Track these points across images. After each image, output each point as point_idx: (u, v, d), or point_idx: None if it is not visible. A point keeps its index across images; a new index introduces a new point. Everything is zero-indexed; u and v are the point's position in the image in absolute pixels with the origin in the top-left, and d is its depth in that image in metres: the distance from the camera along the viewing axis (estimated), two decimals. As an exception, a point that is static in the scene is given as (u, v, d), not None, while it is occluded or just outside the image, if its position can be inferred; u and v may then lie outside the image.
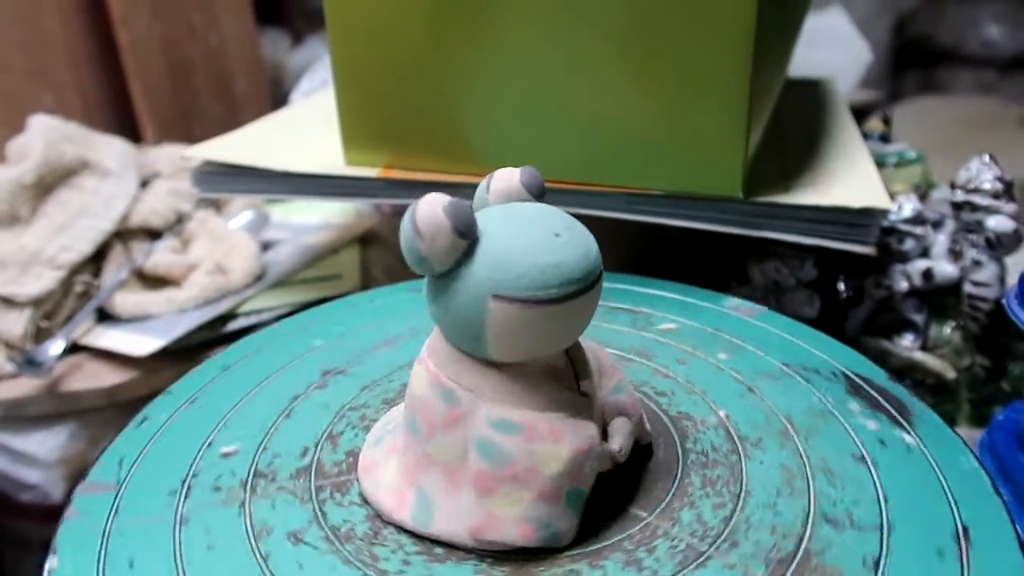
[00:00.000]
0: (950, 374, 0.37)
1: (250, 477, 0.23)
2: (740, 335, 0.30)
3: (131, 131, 0.72)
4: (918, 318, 0.38)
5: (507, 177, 0.21)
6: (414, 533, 0.21)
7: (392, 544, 0.20)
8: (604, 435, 0.22)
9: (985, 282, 0.36)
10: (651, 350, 0.29)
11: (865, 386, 0.27)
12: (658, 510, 0.21)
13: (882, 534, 0.20)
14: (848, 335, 0.39)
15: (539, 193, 0.21)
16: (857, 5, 1.24)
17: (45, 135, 0.47)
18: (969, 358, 0.38)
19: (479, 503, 0.20)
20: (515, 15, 0.33)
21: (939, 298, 0.39)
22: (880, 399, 0.26)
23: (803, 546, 0.20)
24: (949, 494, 0.21)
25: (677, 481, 0.22)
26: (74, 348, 0.43)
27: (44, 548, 0.51)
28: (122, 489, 0.23)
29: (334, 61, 0.37)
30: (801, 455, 0.23)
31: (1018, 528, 0.21)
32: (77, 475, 0.42)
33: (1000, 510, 0.21)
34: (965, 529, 0.20)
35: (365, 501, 0.22)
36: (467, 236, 0.18)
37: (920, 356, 0.38)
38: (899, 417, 0.25)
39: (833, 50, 0.71)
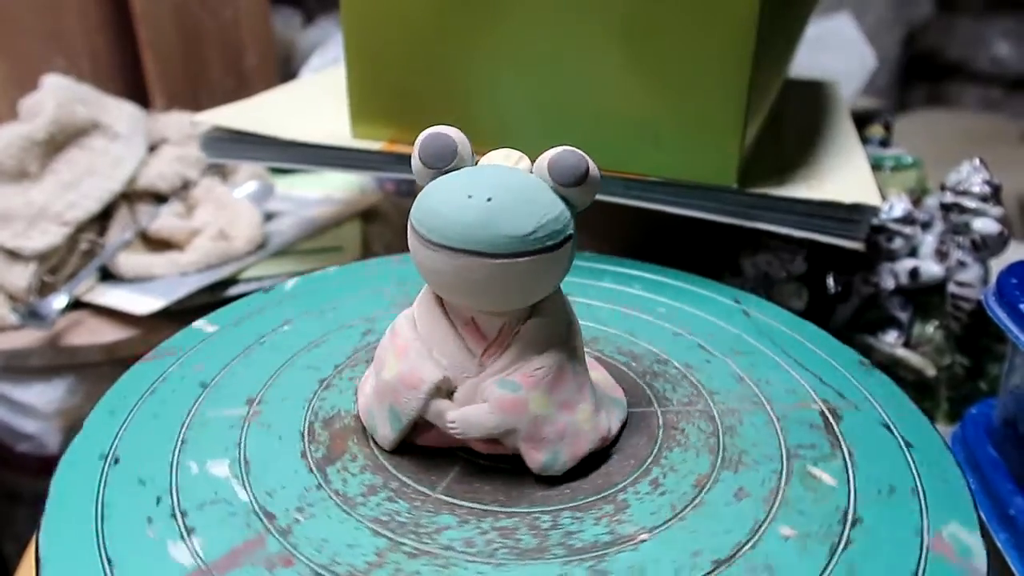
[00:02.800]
0: (931, 372, 0.38)
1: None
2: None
3: (140, 99, 0.72)
4: (903, 316, 0.39)
5: (545, 154, 0.22)
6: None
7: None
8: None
9: (968, 283, 0.37)
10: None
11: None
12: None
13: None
14: (834, 329, 0.40)
15: (561, 179, 0.21)
16: (868, 15, 1.25)
17: (58, 95, 0.47)
18: (950, 357, 0.39)
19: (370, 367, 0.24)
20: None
21: (924, 297, 0.39)
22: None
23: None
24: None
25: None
26: (76, 304, 0.44)
27: (35, 501, 0.52)
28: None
29: (346, 37, 0.38)
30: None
31: (982, 514, 0.22)
32: (73, 428, 0.43)
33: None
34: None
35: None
36: (429, 166, 0.21)
37: (903, 353, 0.39)
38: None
39: (838, 55, 0.72)
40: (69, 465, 0.22)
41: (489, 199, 0.20)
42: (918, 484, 0.22)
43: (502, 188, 0.20)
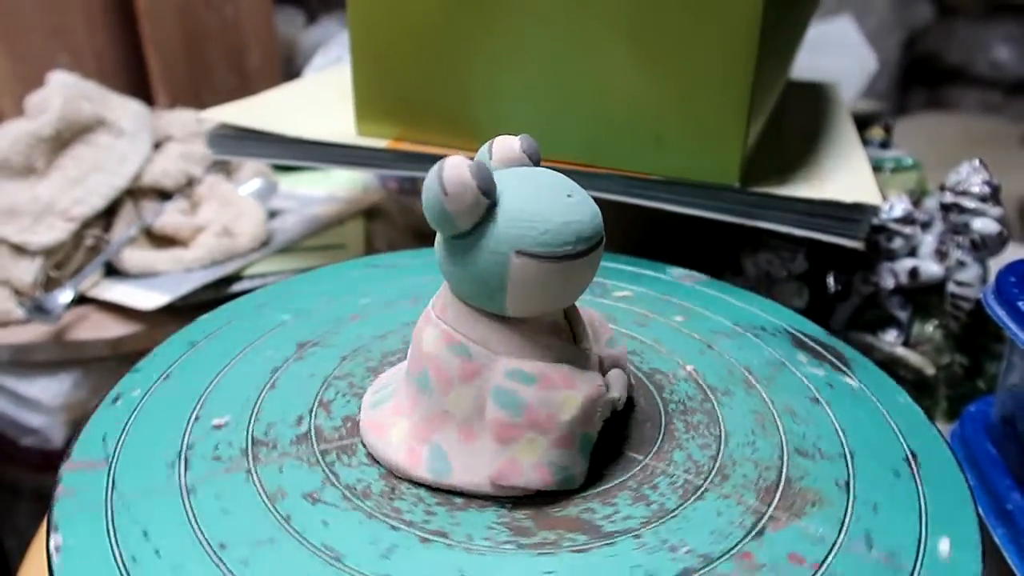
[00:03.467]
0: (930, 370, 0.39)
1: (249, 446, 0.23)
2: (690, 300, 0.32)
3: (143, 97, 0.73)
4: (902, 315, 0.40)
5: (509, 144, 0.22)
6: (430, 487, 0.21)
7: (411, 498, 0.21)
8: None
9: (968, 282, 0.38)
10: (613, 314, 0.31)
11: (808, 340, 0.29)
12: (652, 452, 0.23)
13: (846, 461, 0.23)
14: (834, 328, 0.41)
15: (537, 160, 0.22)
16: (868, 19, 1.25)
17: (64, 91, 0.48)
18: (949, 356, 0.39)
19: (499, 451, 0.21)
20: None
21: (923, 297, 0.40)
22: (822, 351, 0.29)
23: (784, 475, 0.22)
24: (894, 425, 0.25)
25: (663, 427, 0.24)
26: (82, 300, 0.44)
27: (36, 496, 0.52)
28: (114, 464, 0.22)
29: (352, 35, 0.38)
30: (765, 400, 0.25)
31: (980, 510, 0.23)
32: (78, 422, 0.43)
33: (938, 438, 0.24)
34: (914, 454, 0.23)
35: (375, 461, 0.22)
36: (489, 196, 0.20)
37: (902, 352, 0.39)
38: (840, 365, 0.28)
39: (839, 57, 0.72)
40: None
41: (569, 195, 0.21)
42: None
43: (560, 181, 0.21)
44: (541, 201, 0.20)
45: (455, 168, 0.19)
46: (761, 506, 0.21)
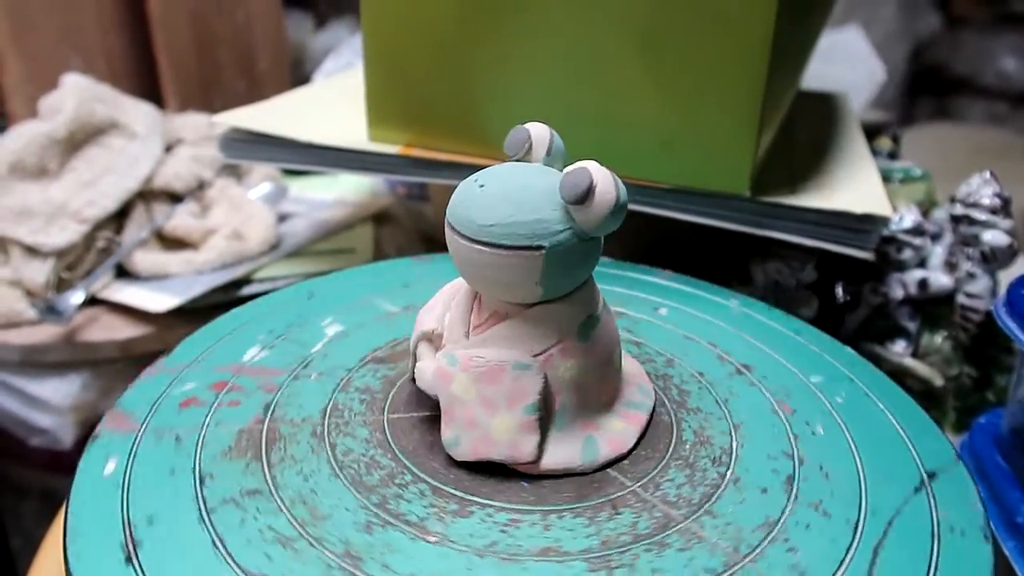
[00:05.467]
0: (938, 382, 0.39)
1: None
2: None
3: (154, 100, 0.73)
4: (911, 326, 0.40)
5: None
6: None
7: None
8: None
9: (977, 294, 0.38)
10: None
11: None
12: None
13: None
14: (843, 338, 0.41)
15: (563, 195, 0.21)
16: (875, 29, 1.26)
17: (77, 94, 0.48)
18: (957, 367, 0.39)
19: None
20: (541, 7, 0.34)
21: (932, 308, 0.40)
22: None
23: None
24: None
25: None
26: (92, 301, 0.44)
27: (43, 497, 0.52)
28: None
29: (365, 41, 0.38)
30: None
31: (992, 525, 0.23)
32: (87, 423, 0.44)
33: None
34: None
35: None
36: (511, 154, 0.23)
37: (911, 363, 0.39)
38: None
39: (848, 67, 0.72)
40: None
41: (482, 186, 0.21)
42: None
43: (501, 180, 0.21)
44: (474, 181, 0.22)
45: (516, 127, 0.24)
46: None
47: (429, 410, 0.25)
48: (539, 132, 0.23)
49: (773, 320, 0.32)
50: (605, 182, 0.20)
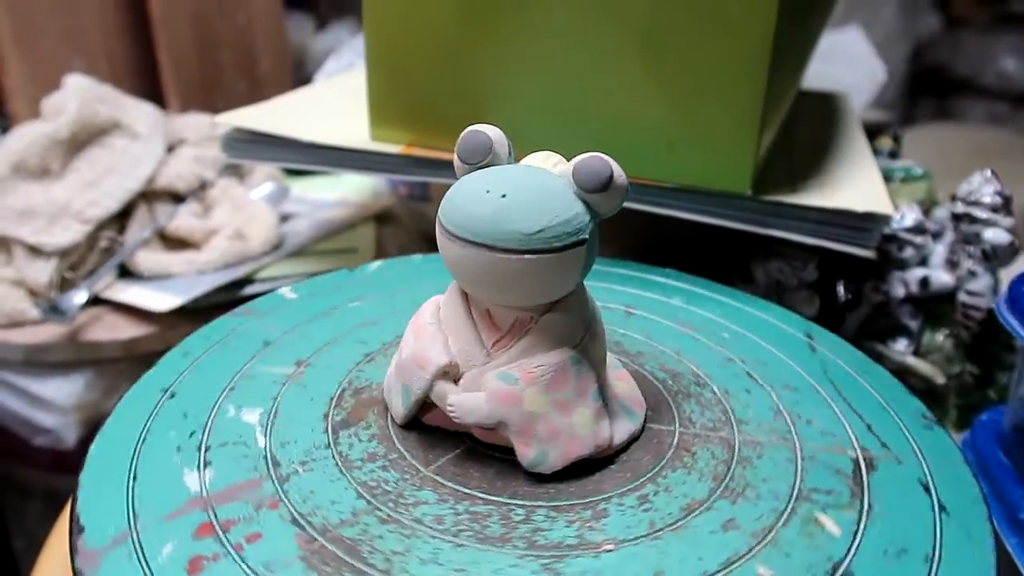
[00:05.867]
0: (940, 380, 0.39)
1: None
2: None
3: (156, 101, 0.73)
4: (913, 324, 0.40)
5: (575, 159, 0.22)
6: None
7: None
8: None
9: (979, 292, 0.38)
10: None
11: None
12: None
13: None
14: (844, 337, 0.41)
15: (583, 185, 0.21)
16: (875, 29, 1.26)
17: (80, 94, 0.48)
18: (959, 365, 0.39)
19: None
20: (542, 7, 0.35)
21: (934, 306, 0.40)
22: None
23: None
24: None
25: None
26: (96, 301, 0.44)
27: (47, 497, 0.52)
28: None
29: (367, 41, 0.38)
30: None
31: (995, 522, 0.23)
32: (91, 422, 0.44)
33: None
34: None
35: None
36: (464, 161, 0.22)
37: (912, 361, 0.39)
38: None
39: (848, 67, 0.73)
40: (135, 393, 0.25)
41: (504, 195, 0.21)
42: (936, 551, 0.21)
43: (519, 186, 0.21)
44: (469, 181, 0.22)
45: (463, 132, 0.22)
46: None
47: (451, 448, 0.24)
48: (496, 135, 0.22)
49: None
50: (616, 168, 0.21)
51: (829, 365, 0.29)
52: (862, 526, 0.21)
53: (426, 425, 0.24)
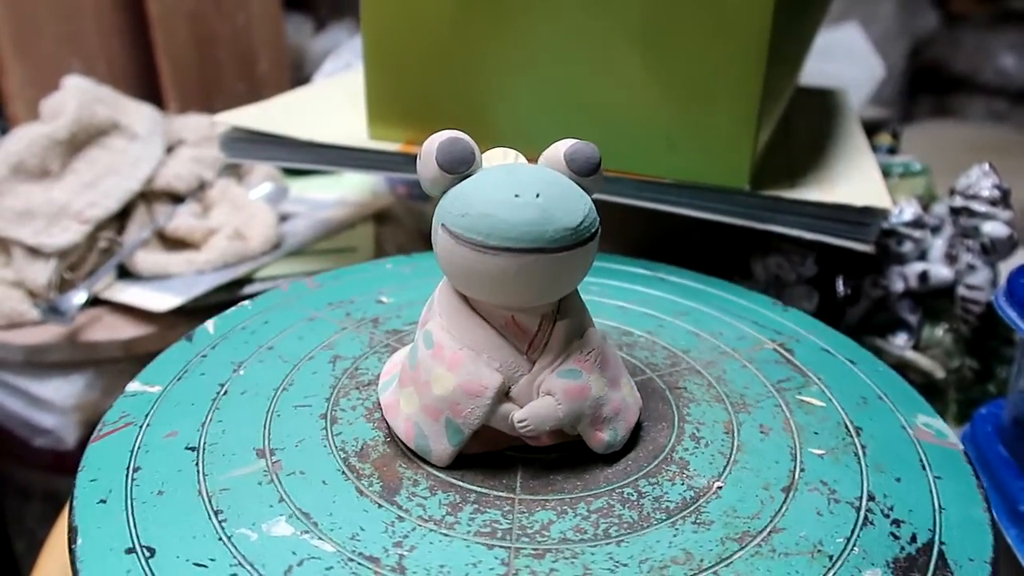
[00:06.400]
0: (939, 374, 0.39)
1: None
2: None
3: (154, 102, 0.73)
4: (912, 319, 0.40)
5: (555, 149, 0.22)
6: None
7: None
8: None
9: (978, 286, 0.38)
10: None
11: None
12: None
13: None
14: (844, 331, 0.41)
15: (580, 170, 0.22)
16: (874, 27, 1.26)
17: (79, 95, 0.48)
18: (959, 360, 0.39)
19: (396, 390, 0.23)
20: (540, 5, 0.35)
21: (933, 300, 0.40)
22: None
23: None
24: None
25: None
26: (95, 301, 0.44)
27: (47, 498, 0.52)
28: None
29: (365, 38, 0.38)
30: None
31: (994, 513, 0.23)
32: (90, 423, 0.44)
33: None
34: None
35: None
36: (449, 171, 0.21)
37: (912, 355, 0.39)
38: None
39: (847, 64, 0.73)
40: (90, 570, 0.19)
41: (538, 195, 0.20)
42: (878, 390, 0.27)
43: (544, 184, 0.21)
44: (482, 189, 0.20)
45: (433, 140, 0.21)
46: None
47: (513, 467, 0.23)
48: (470, 139, 0.21)
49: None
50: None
51: (685, 289, 0.34)
52: (829, 394, 0.26)
53: (465, 457, 0.22)
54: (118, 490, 0.21)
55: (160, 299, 0.43)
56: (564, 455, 0.23)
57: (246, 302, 0.31)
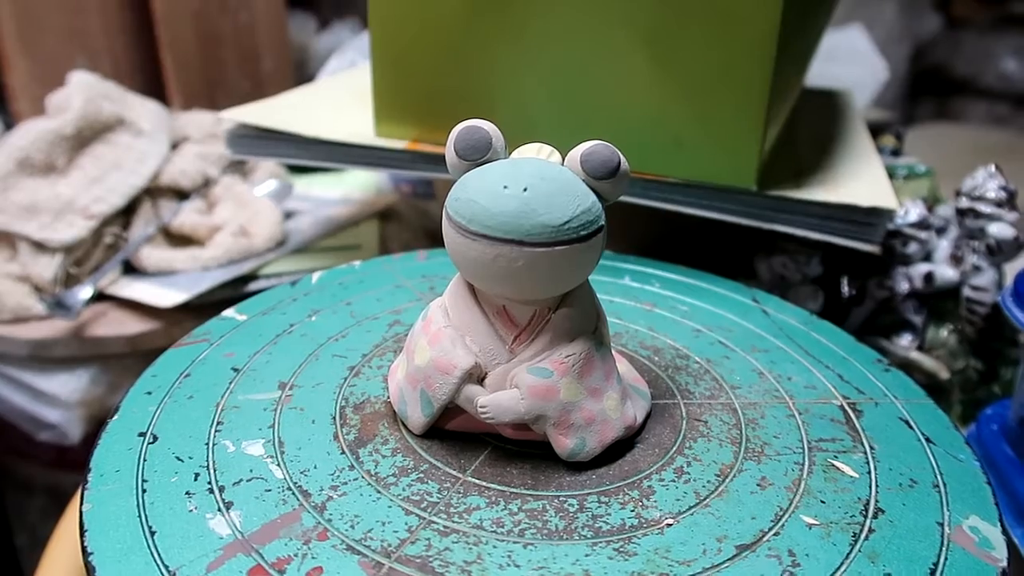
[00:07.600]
0: (944, 375, 0.39)
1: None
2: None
3: (158, 99, 0.73)
4: (917, 319, 0.40)
5: (578, 148, 0.22)
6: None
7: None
8: None
9: (983, 287, 0.38)
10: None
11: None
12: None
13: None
14: (849, 331, 0.41)
15: (593, 172, 0.21)
16: (876, 30, 1.26)
17: (85, 91, 0.48)
18: (963, 360, 0.39)
19: (402, 358, 0.25)
20: (548, 4, 0.35)
21: (938, 301, 0.40)
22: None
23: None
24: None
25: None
26: (100, 297, 0.44)
27: (49, 493, 0.52)
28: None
29: (372, 36, 0.38)
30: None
31: (1001, 513, 0.23)
32: (95, 418, 0.44)
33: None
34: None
35: None
36: (464, 158, 0.22)
37: (916, 356, 0.39)
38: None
39: (851, 66, 0.73)
40: (108, 443, 0.23)
41: (525, 189, 0.20)
42: (938, 478, 0.23)
43: (538, 178, 0.21)
44: (479, 177, 0.21)
45: (458, 128, 0.22)
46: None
47: (479, 450, 0.23)
48: (493, 129, 0.22)
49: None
50: (621, 155, 0.22)
51: (783, 325, 0.31)
52: (872, 466, 0.23)
53: (444, 431, 0.24)
54: (163, 389, 0.25)
55: (165, 295, 0.43)
56: (541, 454, 0.23)
57: (355, 262, 0.35)
